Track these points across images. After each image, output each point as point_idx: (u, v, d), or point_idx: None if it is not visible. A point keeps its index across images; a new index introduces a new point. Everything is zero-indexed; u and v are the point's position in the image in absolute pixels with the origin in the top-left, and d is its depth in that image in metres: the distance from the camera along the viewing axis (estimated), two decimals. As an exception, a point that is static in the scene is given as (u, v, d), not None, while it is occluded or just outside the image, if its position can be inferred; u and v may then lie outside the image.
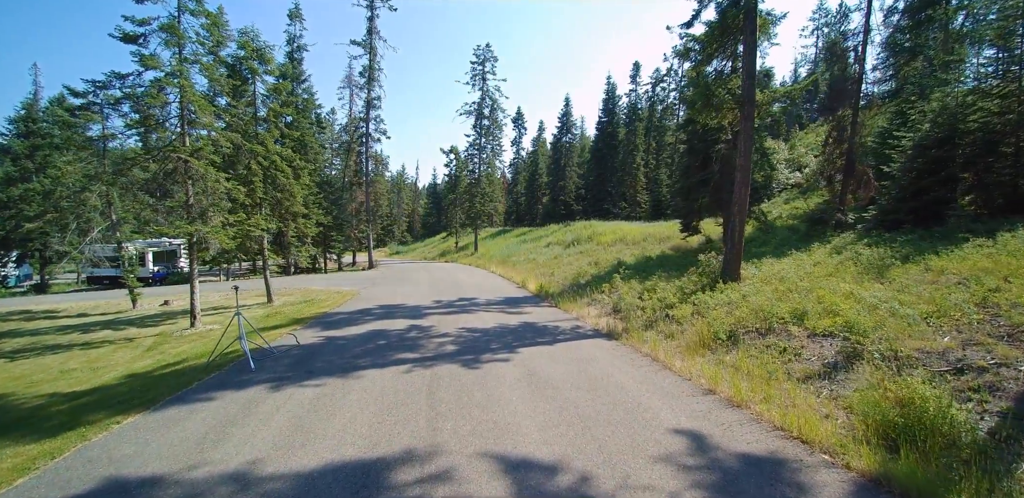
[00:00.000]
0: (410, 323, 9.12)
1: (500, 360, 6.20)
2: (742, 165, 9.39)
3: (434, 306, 11.61)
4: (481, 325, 8.76)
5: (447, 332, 8.14)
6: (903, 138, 12.00)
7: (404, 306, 11.73)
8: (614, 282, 12.44)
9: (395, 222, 72.01)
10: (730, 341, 6.71)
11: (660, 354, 6.40)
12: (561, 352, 6.66)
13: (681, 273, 12.29)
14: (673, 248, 17.71)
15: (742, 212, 9.59)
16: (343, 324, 9.28)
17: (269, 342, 7.53)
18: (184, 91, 10.11)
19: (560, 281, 16.41)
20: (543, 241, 28.57)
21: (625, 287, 11.82)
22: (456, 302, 12.29)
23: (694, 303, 8.62)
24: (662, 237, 19.71)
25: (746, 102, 9.17)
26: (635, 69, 45.09)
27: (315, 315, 10.75)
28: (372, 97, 29.15)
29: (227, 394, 5.05)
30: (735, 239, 9.65)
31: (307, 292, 16.41)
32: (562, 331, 8.28)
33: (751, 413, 4.37)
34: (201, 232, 10.38)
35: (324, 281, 20.95)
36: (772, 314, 6.94)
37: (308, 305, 12.78)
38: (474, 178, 37.79)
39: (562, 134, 48.07)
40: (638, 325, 8.36)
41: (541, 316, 9.99)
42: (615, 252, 19.27)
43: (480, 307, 11.36)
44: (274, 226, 13.74)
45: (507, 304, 11.89)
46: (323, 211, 28.07)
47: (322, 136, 36.89)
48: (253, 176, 13.07)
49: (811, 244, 12.43)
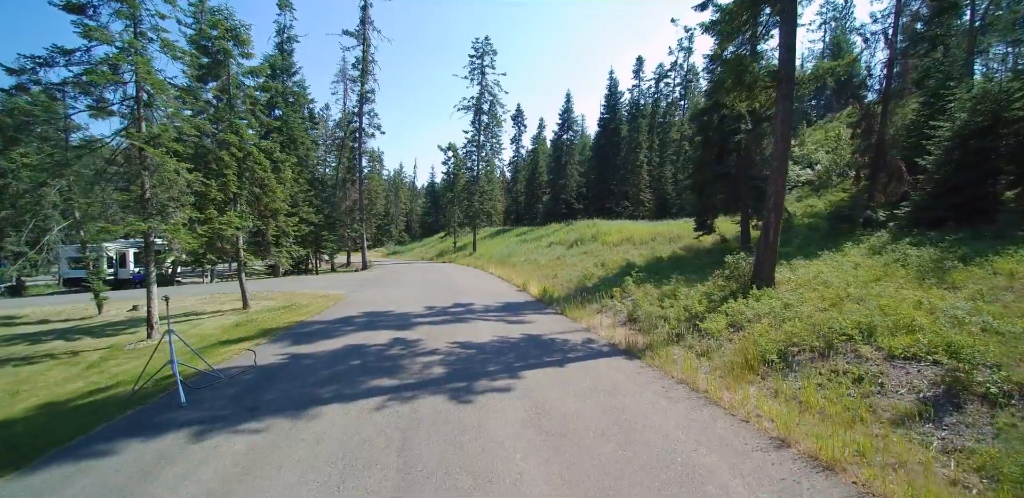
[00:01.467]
0: (394, 335, 7.83)
1: (499, 390, 4.91)
2: (779, 152, 8.12)
3: (425, 313, 10.32)
4: (476, 339, 7.48)
5: (436, 348, 6.85)
6: (938, 128, 10.89)
7: (391, 313, 10.44)
8: (626, 286, 11.18)
9: (392, 222, 70.73)
10: (783, 363, 5.44)
11: (698, 380, 5.12)
12: (575, 377, 5.38)
13: (700, 276, 11.03)
14: (685, 248, 16.43)
15: (778, 207, 8.31)
16: (317, 337, 7.99)
17: (219, 363, 6.25)
18: (139, 68, 8.82)
19: (564, 284, 15.13)
20: (544, 241, 27.30)
21: (639, 292, 10.55)
22: (450, 309, 11.00)
23: (726, 313, 7.35)
24: (672, 236, 18.44)
25: (784, 79, 7.90)
26: (638, 64, 43.80)
27: (289, 324, 9.46)
28: (366, 90, 27.84)
29: (132, 445, 3.76)
30: (769, 238, 8.38)
31: (290, 296, 15.12)
32: (572, 346, 7.00)
33: (852, 481, 3.10)
34: (157, 230, 9.09)
35: (313, 283, 19.66)
36: (831, 328, 5.67)
37: (286, 312, 11.49)
38: (473, 176, 36.50)
39: (563, 131, 46.75)
40: (661, 339, 7.09)
41: (546, 326, 8.71)
42: (622, 253, 18.00)
43: (477, 315, 10.08)
44: (250, 224, 12.45)
45: (507, 311, 10.61)
46: (314, 209, 26.76)
47: (315, 132, 35.57)
48: (226, 168, 11.77)
49: (838, 243, 11.27)
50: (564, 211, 42.82)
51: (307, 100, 32.76)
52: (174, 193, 9.46)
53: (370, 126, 28.63)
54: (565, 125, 46.77)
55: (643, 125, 40.43)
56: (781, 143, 8.15)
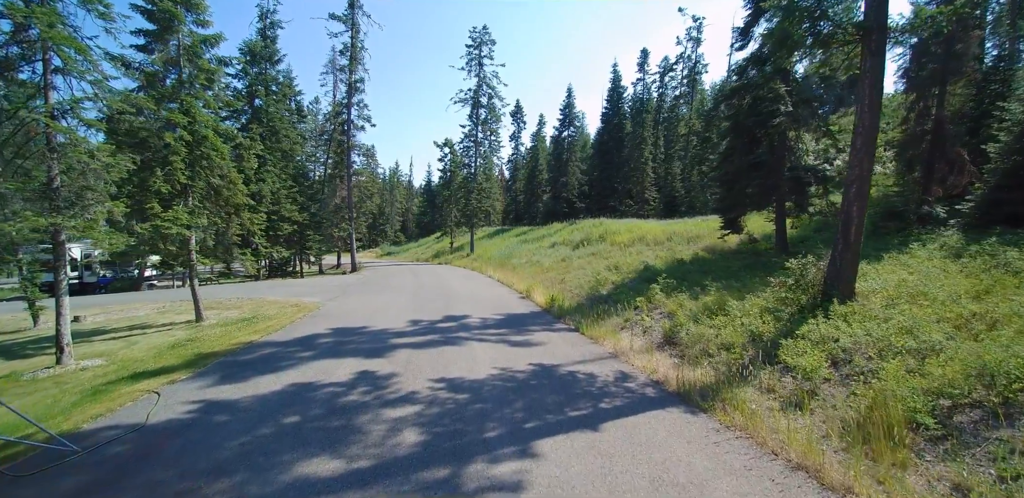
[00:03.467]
0: (361, 367, 5.88)
1: (505, 487, 2.97)
2: (867, 125, 6.20)
3: (408, 331, 8.37)
4: (471, 373, 5.54)
5: (414, 391, 4.90)
6: (1008, 111, 9.34)
7: (366, 331, 8.48)
8: (652, 295, 9.26)
9: (388, 221, 68.80)
10: (941, 428, 3.52)
11: (824, 463, 3.19)
12: (620, 453, 3.45)
13: (738, 282, 9.14)
14: (707, 249, 14.52)
15: (862, 197, 6.39)
16: (257, 369, 6.01)
17: (102, 416, 4.29)
18: (38, 19, 6.85)
19: (574, 291, 13.20)
20: (547, 241, 25.38)
21: (671, 303, 8.63)
22: (439, 324, 9.05)
23: (810, 338, 5.42)
24: (690, 236, 16.51)
25: (875, 29, 5.99)
26: (643, 57, 41.87)
27: (233, 347, 7.48)
28: (354, 79, 25.82)
29: None
30: (850, 237, 6.46)
31: (259, 304, 13.14)
32: (603, 386, 5.07)
33: None
34: (64, 227, 7.13)
35: (291, 288, 17.69)
36: (998, 371, 3.76)
37: (241, 327, 9.52)
38: (470, 172, 34.55)
39: (564, 127, 44.79)
40: (722, 374, 5.16)
41: (560, 350, 6.77)
42: (635, 254, 16.07)
43: (472, 333, 8.13)
44: (204, 222, 10.49)
45: (509, 327, 8.67)
46: (298, 207, 24.78)
47: (304, 126, 33.59)
48: (172, 154, 9.80)
49: (890, 243, 9.65)
50: (566, 210, 40.92)
51: (293, 91, 30.79)
52: (90, 181, 7.49)
53: (359, 118, 26.67)
54: (566, 121, 44.85)
55: (648, 120, 38.51)
56: (869, 114, 6.23)
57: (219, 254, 11.10)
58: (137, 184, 9.92)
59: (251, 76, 23.79)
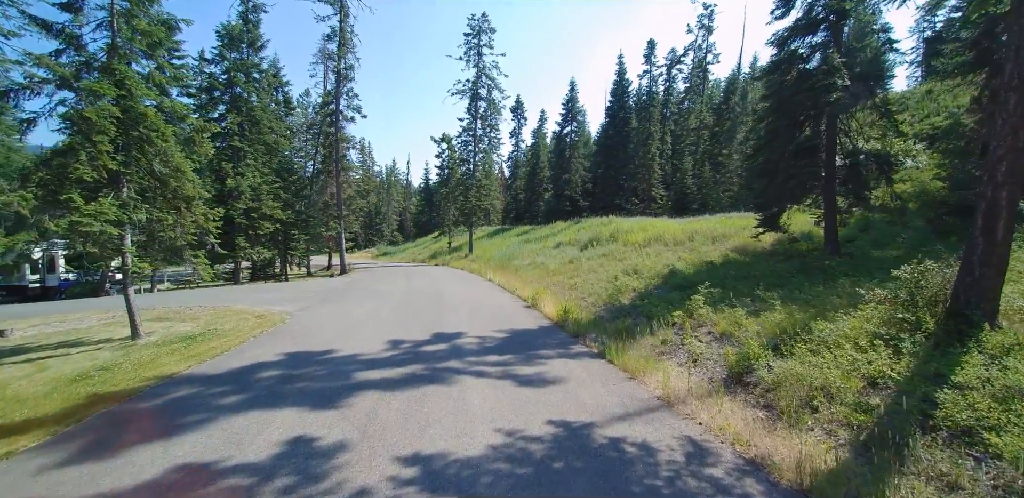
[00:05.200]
0: (299, 429, 3.98)
1: None
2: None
3: (383, 358, 6.47)
4: (461, 444, 3.65)
5: (364, 489, 3.01)
6: None
7: (331, 356, 6.58)
8: (694, 308, 7.37)
9: (385, 221, 66.96)
10: None
11: None
12: None
13: (795, 290, 7.27)
14: (737, 250, 12.62)
15: (1015, 176, 4.50)
16: (148, 429, 4.11)
17: None
18: None
19: (588, 299, 11.32)
20: (550, 241, 23.49)
21: (720, 318, 6.73)
22: (426, 346, 7.15)
23: (980, 388, 3.54)
24: (714, 235, 14.59)
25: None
26: (650, 47, 39.95)
27: (142, 384, 5.57)
28: (342, 66, 23.88)
29: None
30: (997, 236, 4.58)
31: (220, 315, 11.23)
32: (672, 475, 3.18)
33: None
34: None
35: (268, 294, 15.78)
36: None
37: (179, 349, 7.61)
38: (469, 168, 32.65)
39: (567, 122, 42.84)
40: (854, 447, 3.28)
41: (590, 394, 4.88)
42: (654, 255, 14.19)
43: (466, 361, 6.23)
44: (143, 217, 8.61)
45: (515, 351, 6.77)
46: (282, 204, 22.85)
47: (292, 119, 31.65)
48: (96, 134, 7.89)
49: None
50: (568, 209, 39.03)
51: (280, 82, 28.92)
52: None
53: (349, 108, 24.73)
54: (569, 115, 42.93)
55: (655, 114, 36.57)
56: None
57: (160, 256, 9.18)
58: (55, 170, 8.02)
59: (229, 61, 21.85)
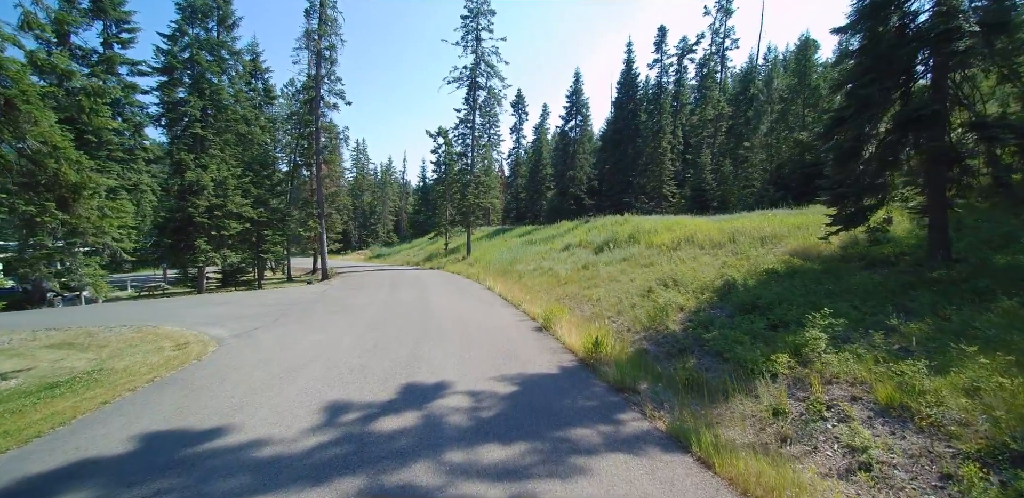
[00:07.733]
0: None
1: None
2: None
3: (297, 456, 3.77)
4: None
5: None
6: None
7: (209, 452, 3.88)
8: (808, 350, 4.68)
9: (380, 221, 64.30)
10: None
11: None
12: None
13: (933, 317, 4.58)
14: (798, 254, 9.88)
15: None
16: None
17: None
18: None
19: (618, 320, 8.62)
20: (557, 242, 20.78)
21: (866, 372, 4.03)
22: (381, 421, 4.44)
23: None
24: (762, 235, 11.79)
25: None
26: (660, 34, 37.22)
27: None
28: (324, 46, 21.19)
29: None
30: None
31: (139, 340, 8.51)
32: None
33: None
34: None
35: (220, 308, 13.04)
36: None
37: (21, 409, 4.90)
38: (467, 162, 29.96)
39: (571, 116, 40.13)
40: None
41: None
42: (690, 261, 11.47)
43: (446, 458, 3.55)
44: (2, 212, 5.94)
45: (531, 430, 4.07)
46: (252, 201, 20.12)
47: (274, 110, 28.95)
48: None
49: None
50: (573, 208, 36.37)
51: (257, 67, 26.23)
52: None
53: (331, 94, 22.00)
54: (573, 109, 40.24)
55: (666, 106, 33.93)
56: None
57: (22, 266, 6.47)
58: None
59: (190, 37, 19.13)
